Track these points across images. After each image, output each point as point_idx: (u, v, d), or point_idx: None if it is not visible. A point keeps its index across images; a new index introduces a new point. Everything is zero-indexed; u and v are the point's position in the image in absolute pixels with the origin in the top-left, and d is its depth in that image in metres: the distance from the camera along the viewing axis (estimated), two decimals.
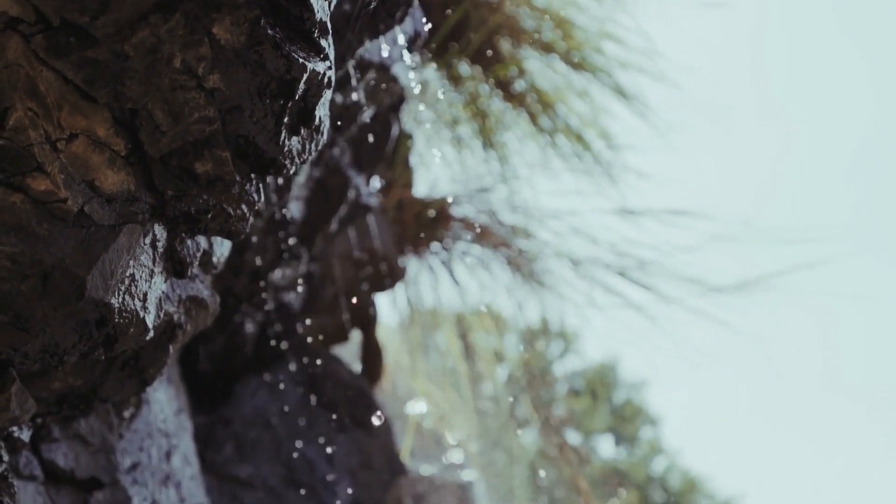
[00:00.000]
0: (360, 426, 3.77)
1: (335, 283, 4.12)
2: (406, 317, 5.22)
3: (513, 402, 9.38)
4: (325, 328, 4.29)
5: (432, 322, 5.69)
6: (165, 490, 2.49)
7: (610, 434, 17.47)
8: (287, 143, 1.55)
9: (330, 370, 3.89)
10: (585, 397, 16.67)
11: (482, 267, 5.06)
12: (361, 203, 3.47)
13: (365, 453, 3.69)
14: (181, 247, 1.61)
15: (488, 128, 5.26)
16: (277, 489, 3.46)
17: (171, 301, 1.71)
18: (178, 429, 2.70)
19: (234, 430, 3.53)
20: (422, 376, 5.97)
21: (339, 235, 3.86)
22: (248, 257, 3.20)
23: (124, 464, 2.34)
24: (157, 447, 2.53)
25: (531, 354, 8.42)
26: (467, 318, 5.67)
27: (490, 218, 5.05)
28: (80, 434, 2.15)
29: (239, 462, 3.46)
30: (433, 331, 5.84)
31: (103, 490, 2.20)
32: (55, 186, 1.38)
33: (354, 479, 3.62)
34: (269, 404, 3.65)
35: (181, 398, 2.84)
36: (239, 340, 3.52)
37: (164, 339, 1.75)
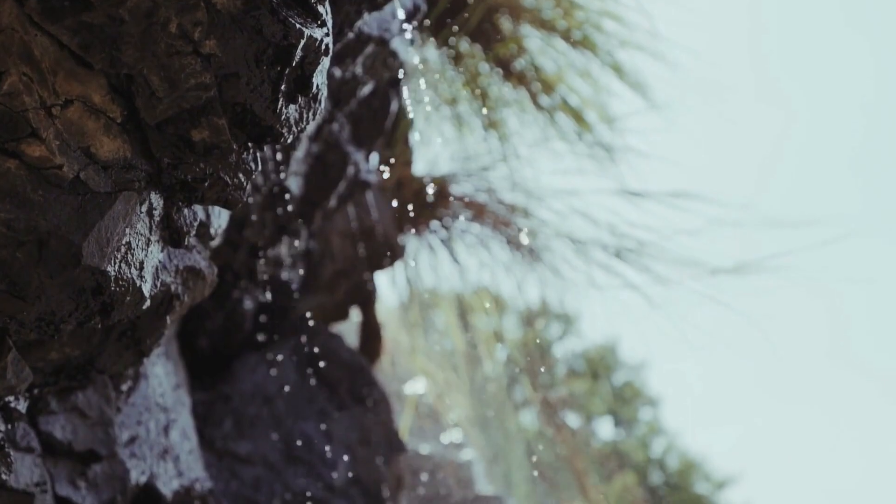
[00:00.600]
0: (359, 403, 3.77)
1: (334, 261, 4.12)
2: (405, 296, 5.22)
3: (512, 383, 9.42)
4: (324, 306, 4.29)
5: (432, 302, 5.68)
6: (164, 463, 2.49)
7: (609, 416, 17.51)
8: (284, 111, 1.54)
9: (329, 347, 3.88)
10: (585, 379, 16.70)
11: (481, 245, 5.05)
12: (361, 179, 3.46)
13: (364, 430, 3.69)
14: (178, 216, 1.60)
15: (488, 106, 5.24)
16: (276, 465, 3.46)
17: (169, 271, 1.70)
18: (176, 403, 2.70)
19: (233, 406, 3.53)
20: (421, 356, 5.97)
21: (338, 212, 3.85)
22: (246, 233, 3.19)
23: (122, 437, 2.33)
24: (156, 421, 2.53)
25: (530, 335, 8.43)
26: (467, 299, 5.67)
27: (489, 196, 5.04)
28: (77, 407, 2.14)
29: (238, 438, 3.46)
30: (432, 310, 5.84)
31: (101, 463, 2.20)
32: (50, 153, 1.37)
33: (353, 455, 3.62)
34: (268, 381, 3.65)
35: (180, 373, 2.84)
36: (238, 317, 3.52)
37: (161, 310, 1.74)
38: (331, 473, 3.52)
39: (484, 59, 5.15)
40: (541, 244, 5.06)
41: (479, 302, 5.66)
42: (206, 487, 2.70)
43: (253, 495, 3.34)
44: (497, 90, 5.26)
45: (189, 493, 2.61)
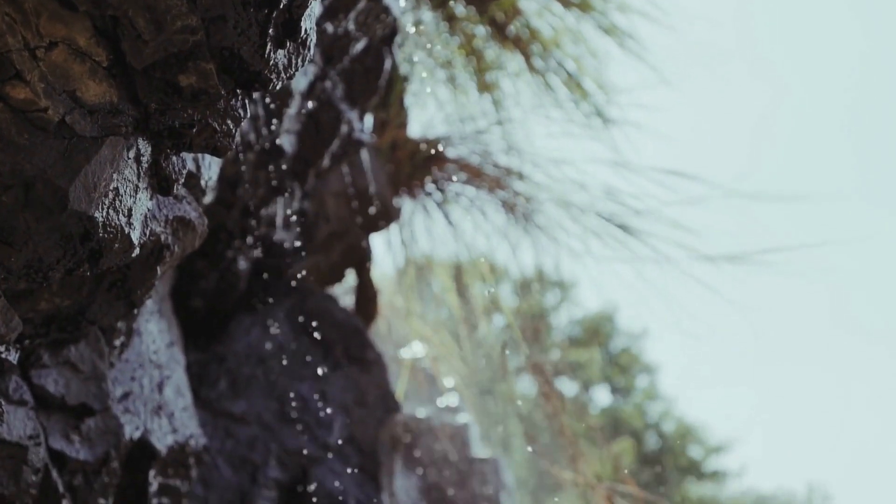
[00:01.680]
0: (354, 363, 3.77)
1: (329, 222, 4.11)
2: (401, 259, 5.21)
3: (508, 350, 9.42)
4: (318, 267, 4.28)
5: (427, 265, 5.68)
6: (158, 419, 2.50)
7: (606, 383, 17.58)
8: (273, 56, 1.53)
9: (324, 308, 3.88)
10: (583, 346, 16.75)
11: (476, 208, 5.04)
12: (354, 138, 3.44)
13: (359, 390, 3.70)
14: (166, 163, 1.59)
15: (483, 69, 5.21)
16: (271, 425, 3.47)
17: (158, 221, 1.69)
18: (170, 361, 2.70)
19: (227, 366, 3.53)
20: (417, 319, 5.98)
21: (331, 172, 3.83)
22: (240, 192, 3.17)
23: (116, 392, 2.34)
24: (149, 378, 2.53)
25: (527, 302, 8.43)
26: (463, 264, 5.66)
27: (484, 159, 5.02)
28: (70, 361, 2.14)
29: (233, 398, 3.46)
30: (428, 273, 5.84)
31: (94, 417, 2.20)
32: (35, 95, 1.36)
33: (348, 415, 3.63)
34: (263, 341, 3.65)
35: (173, 331, 2.84)
36: (232, 277, 3.51)
37: (151, 260, 1.73)
38: (326, 433, 3.53)
39: (479, 22, 5.12)
40: (535, 208, 5.05)
41: (476, 268, 5.66)
42: (201, 444, 2.71)
43: (248, 454, 3.35)
44: (492, 53, 5.23)
45: (184, 449, 2.61)
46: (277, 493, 3.34)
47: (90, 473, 2.21)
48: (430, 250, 5.22)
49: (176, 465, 2.60)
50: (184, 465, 2.64)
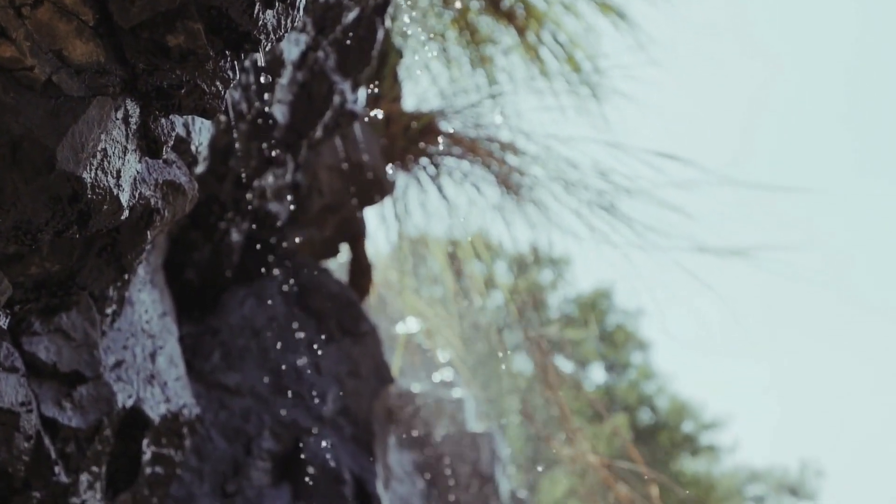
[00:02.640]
0: (348, 335, 3.78)
1: (322, 195, 4.10)
2: (395, 233, 5.21)
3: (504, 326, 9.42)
4: (312, 241, 4.28)
5: (422, 240, 5.67)
6: (150, 388, 2.50)
7: (601, 361, 17.63)
8: (261, 16, 1.52)
9: (318, 281, 3.88)
10: (578, 324, 16.78)
11: (470, 182, 5.03)
12: (347, 109, 3.43)
13: (353, 362, 3.70)
14: (155, 125, 1.58)
15: (476, 42, 5.19)
16: (265, 396, 3.47)
17: (148, 184, 1.68)
18: (162, 331, 2.70)
19: (221, 338, 3.53)
20: (412, 294, 5.98)
21: (325, 144, 3.82)
22: (232, 163, 3.16)
23: (108, 361, 2.33)
24: (142, 347, 2.53)
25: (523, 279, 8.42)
26: (457, 239, 5.65)
27: (478, 133, 5.01)
28: (61, 328, 2.14)
29: (227, 370, 3.47)
30: (423, 248, 5.84)
31: (86, 385, 2.20)
32: (21, 54, 1.35)
33: (342, 386, 3.63)
34: (257, 314, 3.65)
35: (166, 302, 2.83)
36: (225, 250, 3.50)
37: (141, 225, 1.73)
38: (320, 404, 3.54)
39: None
40: (529, 183, 5.04)
41: (471, 244, 5.65)
42: (194, 414, 2.71)
43: (242, 426, 3.36)
44: (486, 26, 5.21)
45: (177, 418, 2.62)
46: (272, 464, 3.35)
47: (83, 441, 2.21)
48: (424, 225, 5.22)
49: (169, 434, 2.60)
50: (177, 435, 2.64)
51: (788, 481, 20.02)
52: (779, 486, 20.04)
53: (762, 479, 20.04)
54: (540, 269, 14.81)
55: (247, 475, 3.27)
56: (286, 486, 3.34)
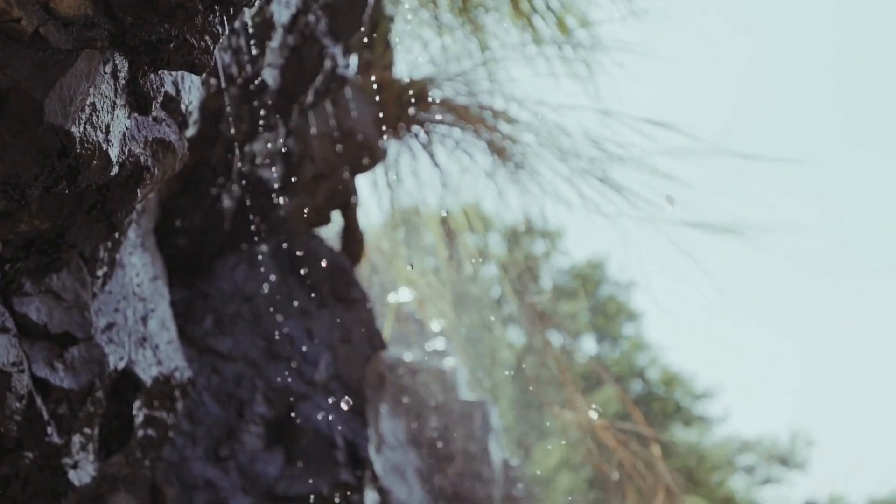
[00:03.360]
0: (340, 302, 3.78)
1: (314, 162, 4.08)
2: (388, 200, 5.19)
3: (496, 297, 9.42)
4: (304, 208, 4.27)
5: (415, 210, 5.67)
6: (142, 350, 2.50)
7: (593, 332, 17.69)
8: None
9: (310, 247, 3.88)
10: (571, 296, 16.82)
11: (462, 150, 5.02)
12: (338, 74, 3.41)
13: (344, 328, 3.71)
14: (144, 80, 1.57)
15: (469, 10, 5.16)
16: (257, 362, 3.48)
17: (138, 142, 1.67)
18: (154, 294, 2.70)
19: (213, 304, 3.53)
20: (403, 263, 5.98)
21: (316, 110, 3.80)
22: (222, 127, 3.15)
23: (99, 323, 2.33)
24: (133, 310, 2.52)
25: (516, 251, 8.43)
26: (450, 210, 5.64)
27: (470, 101, 4.99)
28: (52, 289, 2.13)
29: (219, 335, 3.47)
30: (415, 217, 5.83)
31: (78, 346, 2.20)
32: (7, 5, 1.34)
33: (334, 352, 3.64)
34: (249, 280, 3.65)
35: (157, 266, 2.83)
36: (216, 215, 3.50)
37: (131, 182, 1.72)
38: (312, 370, 3.55)
39: None
40: (521, 150, 5.03)
41: (464, 213, 5.65)
42: (186, 377, 2.71)
43: (234, 390, 3.37)
44: None
45: (169, 381, 2.62)
46: (264, 429, 3.36)
47: (75, 402, 2.22)
48: (416, 193, 5.21)
49: (161, 397, 2.61)
50: (169, 398, 2.65)
51: (779, 451, 20.18)
52: (769, 455, 20.19)
53: (753, 448, 20.19)
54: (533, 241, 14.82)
55: (239, 439, 3.29)
56: (279, 451, 3.35)
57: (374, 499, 3.57)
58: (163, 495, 3.05)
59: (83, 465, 2.32)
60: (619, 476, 4.90)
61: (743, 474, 20.44)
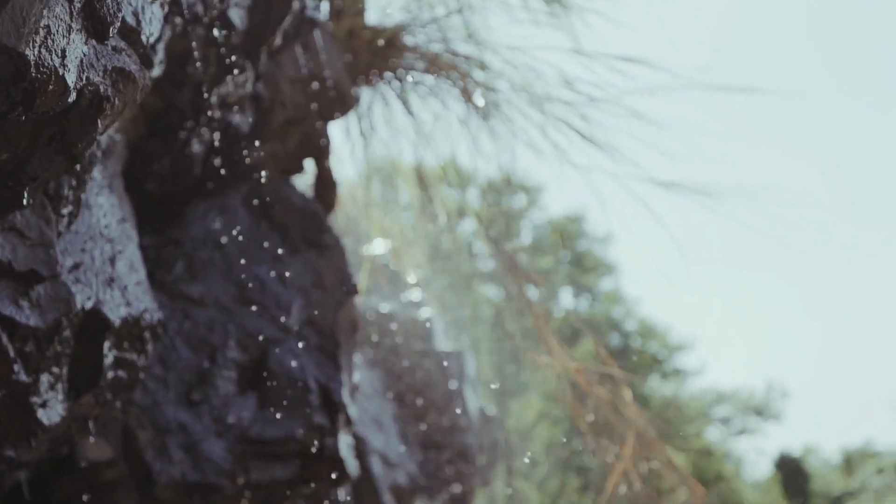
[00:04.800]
0: (313, 247, 3.77)
1: (285, 108, 4.05)
2: (361, 149, 5.16)
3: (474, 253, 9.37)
4: (276, 155, 4.24)
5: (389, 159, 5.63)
6: (110, 291, 2.49)
7: (570, 286, 17.78)
8: None
9: (281, 193, 3.86)
10: (549, 249, 16.87)
11: (436, 98, 4.98)
12: (307, 16, 3.37)
13: (317, 273, 3.70)
14: (100, 4, 1.54)
15: None
16: (230, 307, 3.47)
17: (96, 70, 1.65)
18: (121, 236, 2.68)
19: (184, 250, 3.52)
20: (378, 213, 5.97)
21: (285, 55, 3.77)
22: (189, 69, 3.11)
23: (66, 263, 2.32)
24: (101, 250, 2.51)
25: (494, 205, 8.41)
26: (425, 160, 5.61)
27: (443, 48, 4.95)
28: (15, 227, 2.12)
29: (190, 281, 3.46)
30: (390, 168, 5.80)
31: (44, 284, 2.19)
32: None
33: (307, 298, 3.64)
34: (220, 226, 3.63)
35: (125, 208, 2.81)
36: (186, 161, 3.47)
37: (91, 113, 1.70)
38: (285, 315, 3.55)
39: None
40: (496, 98, 5.00)
41: (441, 167, 5.62)
42: (156, 318, 2.71)
43: (207, 336, 3.36)
44: None
45: (138, 322, 2.61)
46: (237, 374, 3.36)
47: (42, 341, 2.21)
48: (390, 141, 5.18)
49: (131, 338, 2.60)
50: (139, 339, 2.64)
51: (754, 402, 20.44)
52: (745, 407, 20.45)
53: (729, 400, 20.44)
54: (512, 195, 14.81)
55: (212, 384, 3.29)
56: (252, 395, 3.36)
57: (348, 442, 3.59)
58: (136, 439, 3.05)
59: (52, 404, 2.32)
60: (594, 418, 4.94)
61: (719, 425, 20.70)
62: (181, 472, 3.07)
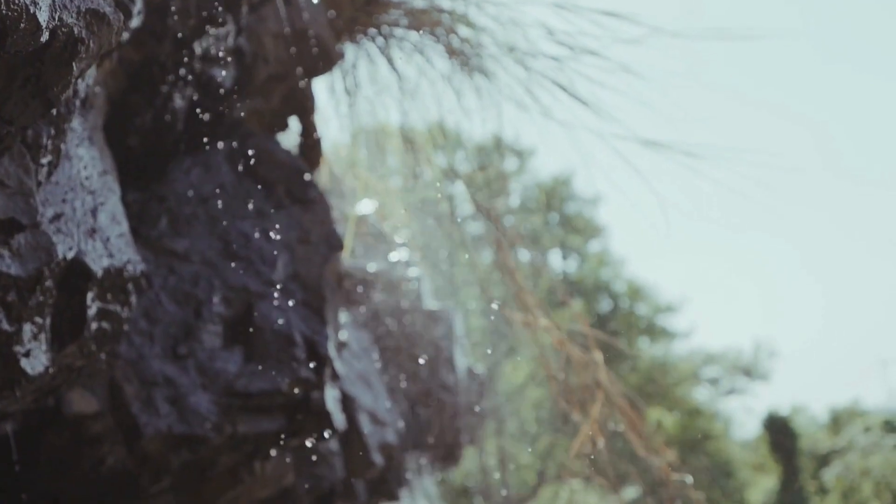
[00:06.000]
0: (297, 203, 3.77)
1: (268, 63, 4.03)
2: (346, 107, 5.15)
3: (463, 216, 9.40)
4: (260, 112, 4.23)
5: (374, 117, 5.61)
6: (92, 242, 2.49)
7: (559, 248, 17.81)
8: None
9: (265, 149, 3.85)
10: (537, 212, 16.89)
11: (420, 54, 4.96)
12: None
13: (302, 228, 3.71)
14: None
15: None
16: (215, 262, 3.48)
17: (70, 11, 1.64)
18: (103, 188, 2.67)
19: (168, 205, 3.51)
20: (364, 172, 5.96)
21: (267, 9, 3.74)
22: (170, 22, 3.09)
23: (47, 213, 2.31)
24: (82, 202, 2.51)
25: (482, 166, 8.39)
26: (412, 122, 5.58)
27: (428, 3, 4.92)
28: None
29: (175, 236, 3.46)
30: (376, 127, 5.79)
31: (24, 232, 2.19)
32: None
33: (292, 253, 3.65)
34: (204, 182, 3.63)
35: (106, 161, 2.80)
36: (168, 115, 3.45)
37: (65, 55, 1.69)
38: (270, 270, 3.55)
39: None
40: (480, 53, 4.98)
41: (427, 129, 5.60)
42: (139, 270, 2.71)
43: (192, 290, 3.37)
44: None
45: (121, 273, 2.61)
46: (223, 328, 3.38)
47: (23, 290, 2.21)
48: (374, 98, 5.16)
49: (114, 289, 2.61)
50: (122, 291, 2.65)
51: (742, 362, 20.60)
52: (733, 367, 20.60)
53: (717, 361, 20.59)
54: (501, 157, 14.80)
55: (198, 338, 3.30)
56: (238, 349, 3.37)
57: (334, 395, 3.62)
58: (122, 392, 3.07)
59: (36, 354, 2.32)
60: (564, 377, 4.97)
61: (708, 386, 20.86)
62: (168, 424, 3.09)
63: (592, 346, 4.88)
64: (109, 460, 3.04)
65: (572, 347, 4.79)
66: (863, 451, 20.44)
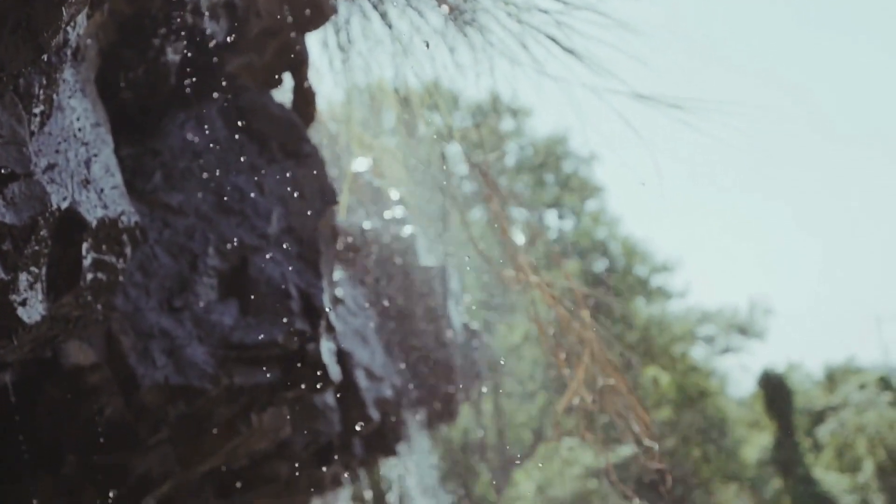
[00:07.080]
0: (291, 157, 3.78)
1: (260, 18, 4.02)
2: (340, 62, 5.13)
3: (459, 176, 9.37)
4: (253, 67, 4.22)
5: (369, 73, 5.60)
6: (86, 193, 2.50)
7: (555, 207, 17.82)
8: None
9: (259, 104, 3.85)
10: (534, 171, 16.88)
11: (413, 9, 4.94)
12: None
13: (296, 182, 3.72)
14: None
15: None
16: (209, 216, 3.49)
17: None
18: (96, 140, 2.68)
19: (162, 160, 3.52)
20: (359, 129, 5.96)
21: None
22: None
23: (40, 163, 2.32)
24: (75, 153, 2.51)
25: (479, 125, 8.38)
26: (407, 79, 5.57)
27: None
28: None
29: (169, 190, 3.47)
30: (370, 84, 5.77)
31: (18, 182, 2.20)
32: None
33: (286, 206, 3.66)
34: (198, 136, 3.63)
35: (99, 113, 2.81)
36: (161, 69, 3.45)
37: None
38: (264, 223, 3.57)
39: None
40: (473, 5, 4.96)
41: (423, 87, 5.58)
42: (133, 221, 2.72)
43: (186, 243, 3.39)
44: None
45: (116, 224, 2.63)
46: (218, 281, 3.40)
47: (18, 239, 2.22)
48: (368, 54, 5.14)
49: (109, 240, 2.62)
50: (117, 242, 2.66)
51: (738, 321, 20.70)
52: (729, 325, 20.71)
53: (713, 319, 20.69)
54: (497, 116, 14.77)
55: (193, 291, 3.33)
56: (233, 302, 3.40)
57: (330, 348, 3.65)
58: (119, 344, 3.09)
59: (32, 303, 2.34)
60: (555, 332, 5.01)
61: (703, 344, 20.98)
62: (164, 375, 3.12)
63: (581, 304, 4.91)
64: (107, 411, 3.08)
65: (560, 307, 4.82)
66: (857, 408, 20.62)
